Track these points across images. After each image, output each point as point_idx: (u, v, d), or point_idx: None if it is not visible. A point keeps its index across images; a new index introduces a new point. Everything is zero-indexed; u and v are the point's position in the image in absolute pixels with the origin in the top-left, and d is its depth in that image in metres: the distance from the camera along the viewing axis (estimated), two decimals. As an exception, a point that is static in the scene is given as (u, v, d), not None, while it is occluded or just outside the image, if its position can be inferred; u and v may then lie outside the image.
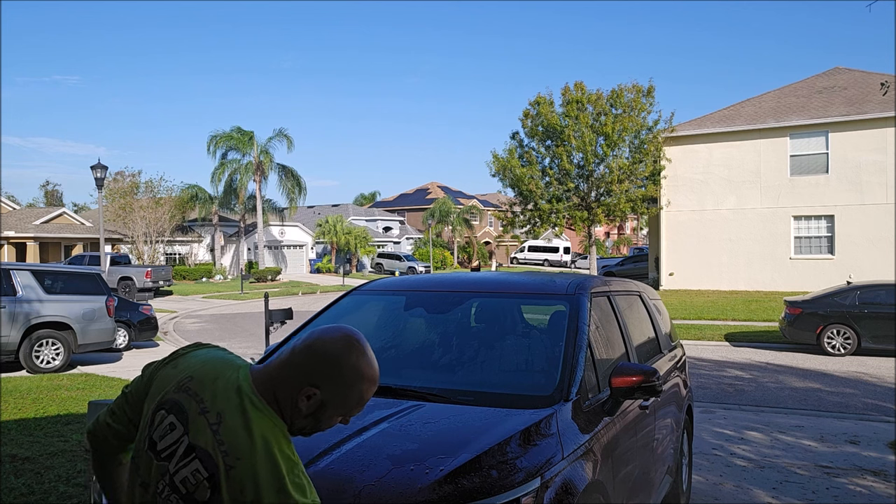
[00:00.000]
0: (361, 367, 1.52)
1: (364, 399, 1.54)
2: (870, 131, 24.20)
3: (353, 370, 1.51)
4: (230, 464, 1.43)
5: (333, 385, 1.50)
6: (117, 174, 43.08)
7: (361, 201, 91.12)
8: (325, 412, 1.53)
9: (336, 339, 1.52)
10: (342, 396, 1.51)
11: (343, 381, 1.50)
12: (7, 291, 11.08)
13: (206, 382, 1.54)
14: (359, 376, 1.51)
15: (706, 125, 27.16)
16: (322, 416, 1.53)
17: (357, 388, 1.52)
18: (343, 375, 1.50)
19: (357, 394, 1.52)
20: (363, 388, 1.53)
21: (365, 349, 1.54)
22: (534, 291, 4.03)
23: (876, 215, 24.06)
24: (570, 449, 2.65)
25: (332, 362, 1.50)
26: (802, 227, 25.52)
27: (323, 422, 1.54)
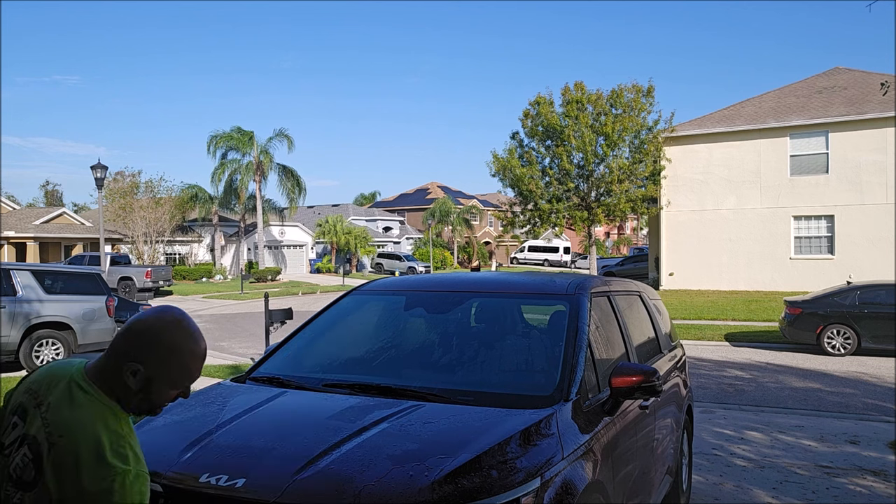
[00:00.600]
0: (178, 339, 1.61)
1: (190, 371, 1.63)
2: (870, 131, 24.20)
3: (171, 343, 1.60)
4: (52, 441, 1.51)
5: (155, 360, 1.59)
6: (117, 174, 43.09)
7: (361, 201, 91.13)
8: (154, 387, 1.60)
9: (152, 317, 1.63)
10: (165, 370, 1.60)
11: (163, 356, 1.59)
12: (7, 291, 11.08)
13: (43, 382, 1.65)
14: (177, 349, 1.60)
15: (706, 125, 27.16)
16: (152, 391, 1.60)
17: (179, 361, 1.61)
18: (162, 350, 1.59)
19: (180, 367, 1.61)
20: (185, 360, 1.61)
21: (182, 322, 1.63)
22: (534, 291, 4.03)
23: (876, 215, 24.06)
24: (570, 449, 2.65)
25: (150, 338, 1.59)
26: (802, 227, 25.51)
27: (154, 396, 1.61)
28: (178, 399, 1.68)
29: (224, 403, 3.09)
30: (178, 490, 2.37)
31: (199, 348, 1.66)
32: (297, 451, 2.46)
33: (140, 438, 2.85)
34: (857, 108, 24.58)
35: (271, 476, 2.32)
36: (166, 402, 1.63)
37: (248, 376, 3.55)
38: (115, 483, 1.46)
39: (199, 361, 1.65)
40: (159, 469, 2.49)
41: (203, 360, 1.67)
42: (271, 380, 3.42)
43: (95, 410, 1.55)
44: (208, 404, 3.13)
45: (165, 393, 1.61)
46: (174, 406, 3.21)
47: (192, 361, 1.63)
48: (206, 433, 2.69)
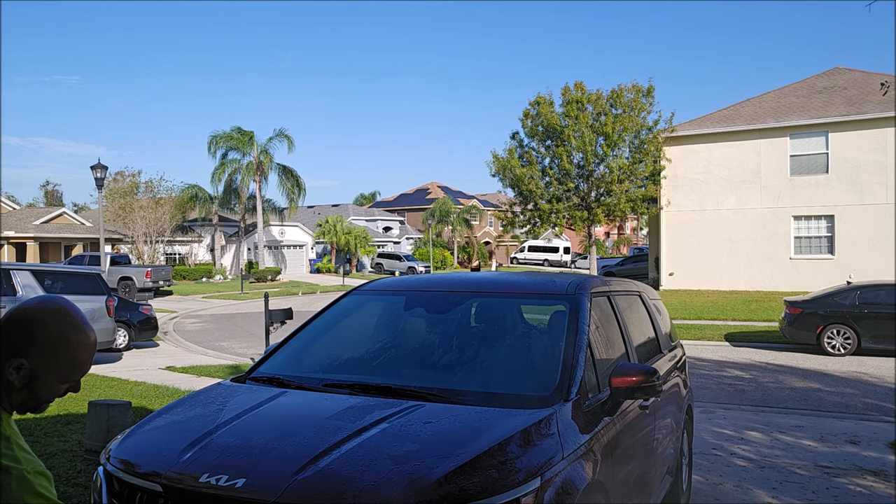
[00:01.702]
0: (66, 330, 1.53)
1: (80, 363, 1.56)
2: (870, 131, 24.20)
3: (59, 334, 1.52)
4: None
5: (41, 353, 1.51)
6: (117, 174, 43.10)
7: (361, 201, 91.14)
8: (40, 381, 1.52)
9: (35, 306, 1.54)
10: (52, 362, 1.52)
11: (51, 348, 1.51)
12: (7, 291, 11.08)
13: None
14: (65, 340, 1.52)
15: (706, 125, 27.16)
16: (38, 385, 1.52)
17: (67, 353, 1.53)
18: (49, 341, 1.51)
19: (67, 358, 1.53)
20: (73, 351, 1.54)
21: (68, 311, 1.55)
22: (534, 291, 4.03)
23: (876, 215, 24.06)
24: (570, 449, 2.65)
25: (35, 329, 1.51)
26: (802, 227, 25.52)
27: (41, 391, 1.53)
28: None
29: (224, 403, 3.08)
30: (178, 490, 2.37)
31: (89, 339, 1.57)
32: (297, 451, 2.46)
33: (139, 438, 2.86)
34: (857, 108, 24.58)
35: (271, 476, 2.32)
36: (55, 396, 1.55)
37: (248, 376, 3.55)
38: (6, 484, 1.40)
39: (89, 352, 1.57)
40: (159, 469, 2.49)
41: (93, 351, 1.59)
42: (271, 380, 3.42)
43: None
44: (208, 404, 3.13)
45: (54, 387, 1.53)
46: (174, 406, 3.21)
47: (82, 352, 1.55)
48: (206, 433, 2.69)
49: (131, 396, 8.82)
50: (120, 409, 6.02)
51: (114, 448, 2.81)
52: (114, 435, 5.39)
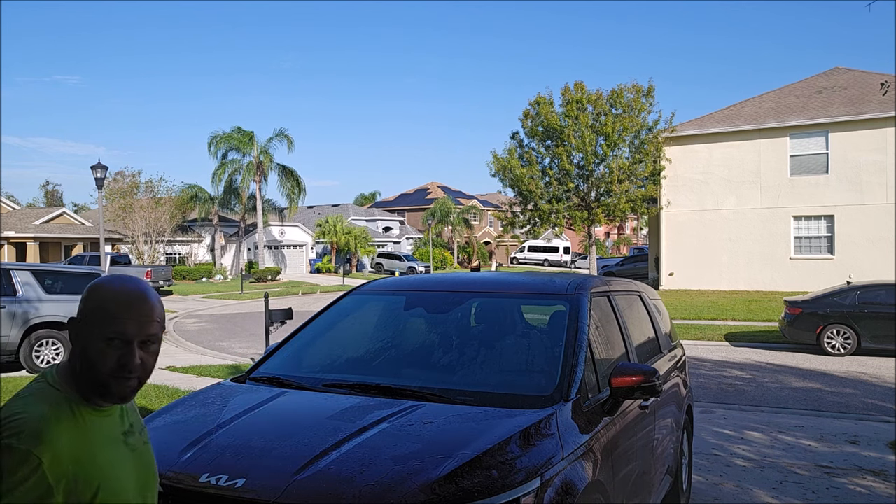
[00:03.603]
0: (97, 285, 1.53)
1: (112, 312, 1.47)
2: (870, 131, 24.20)
3: (90, 292, 1.53)
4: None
5: (79, 318, 1.52)
6: (117, 174, 43.12)
7: (361, 201, 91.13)
8: (81, 339, 1.50)
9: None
10: (85, 319, 1.50)
11: (83, 307, 1.52)
12: (7, 291, 11.08)
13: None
14: (94, 292, 1.51)
15: (706, 125, 27.16)
16: (88, 352, 1.48)
17: (96, 303, 1.49)
18: (83, 304, 1.52)
19: (100, 309, 1.49)
20: (103, 299, 1.49)
21: (110, 276, 1.56)
22: (534, 291, 4.03)
23: (876, 215, 24.06)
24: (570, 449, 2.65)
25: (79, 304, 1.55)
26: (802, 227, 25.51)
27: (92, 355, 1.48)
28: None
29: (224, 403, 3.08)
30: (178, 490, 2.37)
31: (124, 287, 1.50)
32: (296, 451, 2.46)
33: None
34: (857, 108, 24.58)
35: (271, 476, 2.32)
36: (109, 363, 1.46)
37: (248, 376, 3.55)
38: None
39: (122, 300, 1.48)
40: (159, 469, 2.49)
41: (134, 303, 1.48)
42: (271, 380, 3.42)
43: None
44: (208, 404, 3.13)
45: (97, 347, 1.46)
46: (174, 406, 3.21)
47: (112, 299, 1.48)
48: (206, 433, 2.69)
49: (131, 396, 8.80)
50: (120, 409, 6.01)
51: (114, 448, 2.81)
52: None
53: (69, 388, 1.51)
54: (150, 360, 1.53)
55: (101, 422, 1.53)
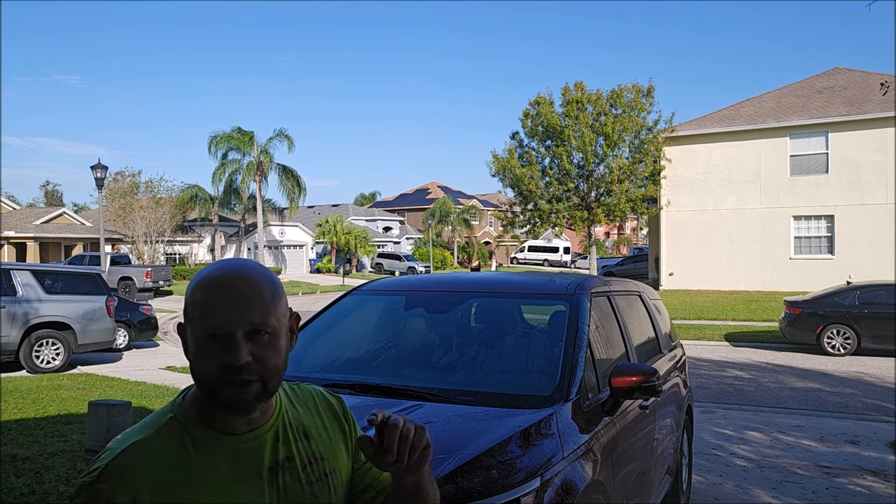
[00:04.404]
0: (198, 272, 1.28)
1: (205, 303, 1.19)
2: (870, 131, 24.19)
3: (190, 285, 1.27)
4: None
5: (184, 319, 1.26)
6: (117, 174, 43.10)
7: (361, 201, 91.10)
8: (189, 349, 1.22)
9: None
10: (186, 316, 1.24)
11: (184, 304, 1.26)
12: (7, 291, 11.08)
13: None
14: (192, 281, 1.25)
15: (706, 125, 27.16)
16: (189, 354, 1.23)
17: (190, 296, 1.22)
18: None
19: (191, 302, 1.21)
20: (194, 290, 1.22)
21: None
22: (534, 291, 4.03)
23: (876, 215, 24.06)
24: (569, 449, 2.65)
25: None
26: (802, 227, 25.51)
27: (193, 356, 1.22)
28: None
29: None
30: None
31: (220, 270, 1.21)
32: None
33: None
34: (857, 108, 24.58)
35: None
36: (213, 365, 1.17)
37: (248, 376, 3.54)
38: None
39: (215, 284, 1.19)
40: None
41: (230, 286, 1.19)
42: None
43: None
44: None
45: (197, 346, 1.19)
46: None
47: (206, 286, 1.20)
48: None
49: (131, 396, 8.82)
50: (120, 409, 6.02)
51: (114, 448, 2.81)
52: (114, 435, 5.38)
53: (193, 411, 1.24)
54: (267, 356, 1.20)
55: (229, 452, 1.22)
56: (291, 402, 1.37)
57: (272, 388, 1.21)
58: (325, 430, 1.37)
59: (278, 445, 1.27)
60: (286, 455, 1.27)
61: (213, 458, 1.20)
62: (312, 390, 1.45)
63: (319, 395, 1.44)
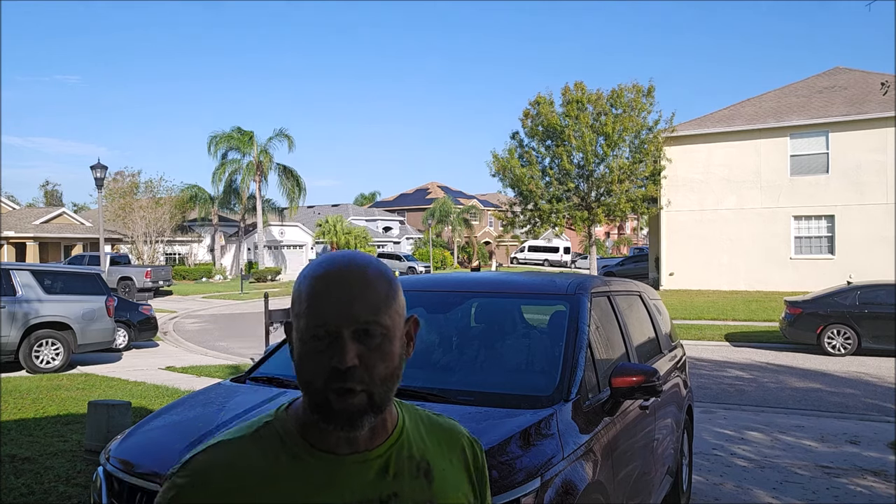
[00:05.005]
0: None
1: (309, 296, 1.05)
2: (870, 131, 24.19)
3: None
4: None
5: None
6: (117, 174, 43.12)
7: (361, 201, 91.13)
8: (294, 349, 1.10)
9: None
10: (292, 314, 1.12)
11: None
12: (7, 291, 11.07)
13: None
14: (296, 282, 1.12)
15: (706, 125, 27.15)
16: (294, 355, 1.10)
17: (295, 290, 1.10)
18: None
19: (295, 296, 1.09)
20: (299, 284, 1.09)
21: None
22: (534, 291, 4.02)
23: (876, 215, 24.05)
24: (570, 449, 2.64)
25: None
26: (802, 227, 25.51)
27: (297, 359, 1.09)
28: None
29: (224, 404, 3.08)
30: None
31: (328, 262, 1.08)
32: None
33: (139, 438, 2.85)
34: (857, 108, 24.57)
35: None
36: (320, 367, 1.02)
37: (247, 376, 3.55)
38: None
39: (322, 276, 1.05)
40: (158, 469, 2.48)
41: (337, 280, 1.04)
42: (271, 380, 3.42)
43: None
44: (208, 404, 3.13)
45: (301, 345, 1.05)
46: (174, 406, 3.21)
47: (312, 278, 1.05)
48: (205, 433, 2.68)
49: (131, 396, 8.82)
50: (120, 409, 6.02)
51: (113, 448, 2.81)
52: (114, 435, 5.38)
53: (293, 421, 1.10)
54: (376, 361, 1.03)
55: (325, 473, 1.05)
56: (420, 433, 1.17)
57: (380, 401, 1.04)
58: (454, 479, 1.15)
59: (386, 478, 1.07)
60: (392, 492, 1.07)
61: (305, 476, 1.04)
62: (450, 424, 1.23)
63: (456, 432, 1.22)
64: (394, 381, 1.07)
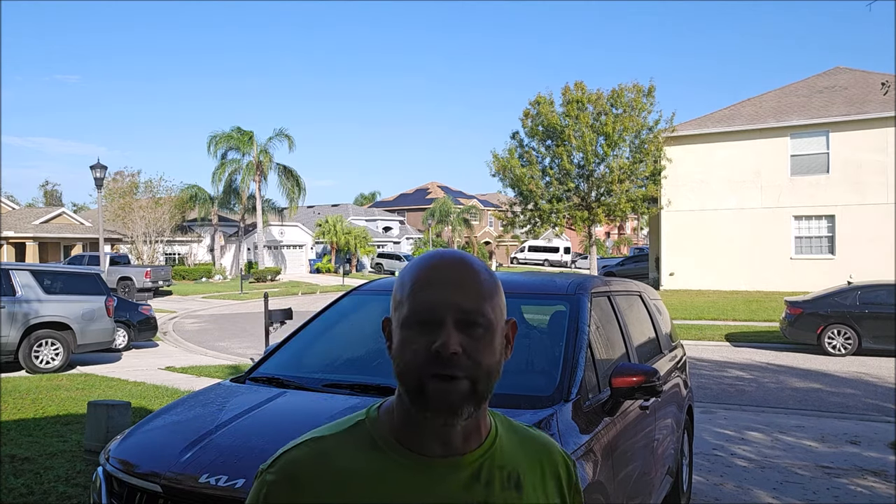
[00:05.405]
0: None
1: (409, 293, 1.05)
2: (870, 131, 24.19)
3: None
4: None
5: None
6: (117, 174, 43.08)
7: (361, 201, 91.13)
8: (391, 347, 1.08)
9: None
10: (390, 313, 1.12)
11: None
12: (6, 291, 11.07)
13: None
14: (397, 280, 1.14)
15: (706, 125, 27.15)
16: (392, 354, 1.08)
17: (394, 289, 1.11)
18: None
19: (394, 294, 1.10)
20: (398, 282, 1.11)
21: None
22: (534, 291, 4.02)
23: (876, 215, 24.04)
24: (570, 449, 2.64)
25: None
26: (803, 226, 25.50)
27: (395, 357, 1.07)
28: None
29: (223, 404, 3.08)
30: (178, 490, 2.36)
31: (434, 254, 1.08)
32: (296, 451, 2.45)
33: (139, 439, 2.85)
34: (857, 108, 24.57)
35: (271, 477, 2.30)
36: (419, 352, 1.00)
37: (247, 376, 3.54)
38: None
39: (428, 265, 1.05)
40: (159, 469, 2.48)
41: (443, 269, 1.05)
42: (271, 380, 3.41)
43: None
44: (208, 404, 3.13)
45: (402, 332, 1.03)
46: (174, 406, 3.20)
47: (418, 267, 1.06)
48: (205, 433, 2.68)
49: (131, 396, 8.82)
50: (119, 409, 6.01)
51: (113, 448, 2.81)
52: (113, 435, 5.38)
53: (384, 421, 1.09)
54: (480, 351, 1.02)
55: (414, 475, 1.03)
56: (513, 444, 1.14)
57: (482, 391, 1.03)
58: (544, 492, 1.11)
59: (476, 485, 1.04)
60: (483, 500, 1.03)
61: (395, 477, 1.02)
62: (545, 440, 1.20)
63: (550, 447, 1.18)
64: (495, 375, 1.05)
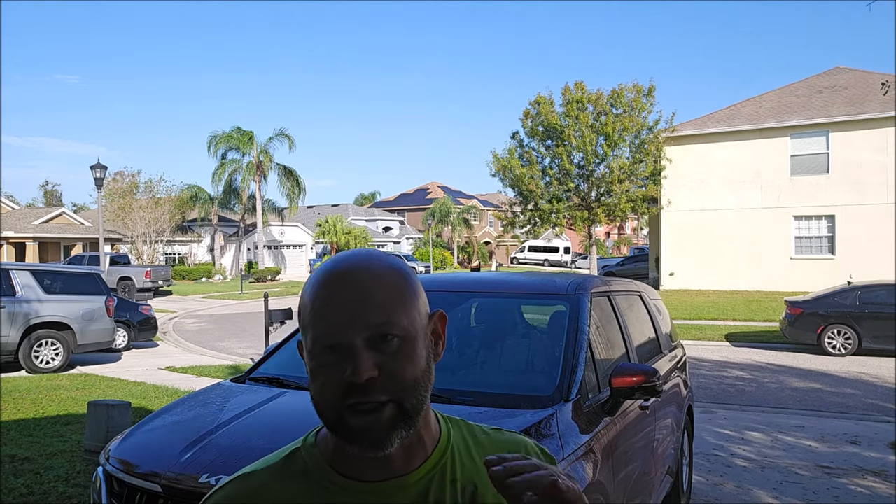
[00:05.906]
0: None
1: (312, 307, 0.93)
2: (870, 131, 24.18)
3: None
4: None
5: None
6: (117, 174, 43.10)
7: (361, 201, 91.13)
8: (306, 361, 0.96)
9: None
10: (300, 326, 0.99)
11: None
12: (6, 291, 11.07)
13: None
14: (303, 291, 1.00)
15: (706, 125, 27.15)
16: (309, 369, 0.97)
17: (301, 301, 0.97)
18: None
19: (301, 306, 0.97)
20: (304, 294, 0.97)
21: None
22: (534, 291, 4.02)
23: (876, 215, 24.04)
24: (570, 449, 2.64)
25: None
26: (803, 226, 25.50)
27: (310, 371, 0.96)
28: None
29: (223, 404, 3.08)
30: (178, 490, 2.36)
31: (332, 265, 0.95)
32: (296, 451, 2.44)
33: (139, 439, 2.85)
34: (857, 108, 24.57)
35: (270, 477, 2.30)
36: (334, 383, 0.89)
37: (247, 376, 3.54)
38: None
39: (325, 283, 0.92)
40: (159, 469, 2.48)
41: (340, 284, 0.91)
42: (271, 380, 3.42)
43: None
44: (208, 405, 3.12)
45: (312, 361, 0.92)
46: (174, 406, 3.21)
47: (316, 286, 0.93)
48: (205, 433, 2.68)
49: (131, 396, 8.81)
50: (119, 409, 6.01)
51: (113, 448, 2.81)
52: (113, 435, 5.38)
53: (321, 447, 1.00)
54: (399, 366, 0.90)
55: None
56: (469, 451, 1.01)
57: (413, 409, 0.91)
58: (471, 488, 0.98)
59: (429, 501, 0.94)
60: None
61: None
62: (512, 438, 1.07)
63: (518, 445, 1.06)
64: (424, 386, 0.93)
